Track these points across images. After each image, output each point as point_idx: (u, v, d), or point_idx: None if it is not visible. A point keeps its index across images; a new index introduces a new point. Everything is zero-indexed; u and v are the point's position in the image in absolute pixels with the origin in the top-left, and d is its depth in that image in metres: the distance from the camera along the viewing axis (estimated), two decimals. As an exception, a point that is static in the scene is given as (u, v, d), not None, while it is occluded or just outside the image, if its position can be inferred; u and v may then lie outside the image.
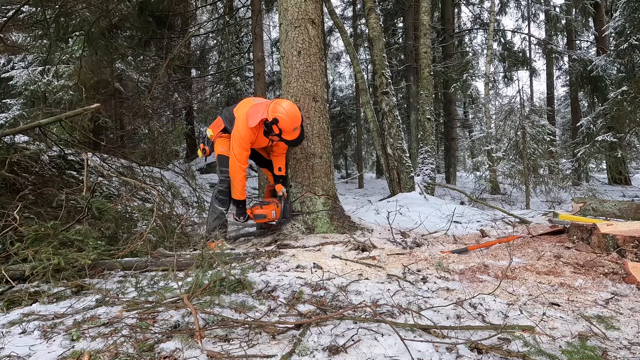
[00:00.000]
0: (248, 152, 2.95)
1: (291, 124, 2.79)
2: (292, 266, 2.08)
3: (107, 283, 1.84)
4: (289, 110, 2.79)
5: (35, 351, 1.15)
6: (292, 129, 2.81)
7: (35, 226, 2.00)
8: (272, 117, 2.75)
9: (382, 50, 5.97)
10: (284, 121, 2.76)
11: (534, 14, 14.12)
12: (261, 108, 2.86)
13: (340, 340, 1.24)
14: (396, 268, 2.10)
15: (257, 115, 2.82)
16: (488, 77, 9.95)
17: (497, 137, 8.29)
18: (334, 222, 3.23)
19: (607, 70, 8.79)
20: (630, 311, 1.52)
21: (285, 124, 2.77)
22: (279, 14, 3.51)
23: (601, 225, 2.38)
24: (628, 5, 7.18)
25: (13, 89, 7.05)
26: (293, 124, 2.80)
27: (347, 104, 16.23)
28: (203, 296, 1.55)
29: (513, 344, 1.22)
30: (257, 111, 2.85)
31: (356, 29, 13.47)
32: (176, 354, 1.13)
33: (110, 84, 7.14)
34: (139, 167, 3.98)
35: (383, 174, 8.51)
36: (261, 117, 2.80)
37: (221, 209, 3.01)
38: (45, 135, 3.33)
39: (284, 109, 2.77)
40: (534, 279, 1.90)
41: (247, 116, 2.85)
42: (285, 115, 2.76)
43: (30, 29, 5.98)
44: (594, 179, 8.92)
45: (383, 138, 5.85)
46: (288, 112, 2.77)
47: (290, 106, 2.83)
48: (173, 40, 7.74)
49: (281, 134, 2.82)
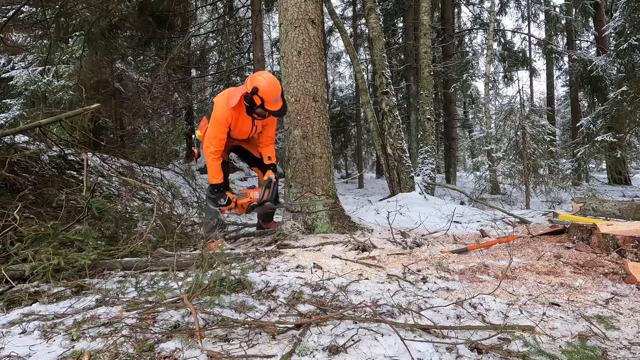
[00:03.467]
0: (223, 136, 2.85)
1: (272, 90, 2.72)
2: (292, 266, 2.08)
3: (107, 283, 1.85)
4: (268, 78, 2.76)
5: (35, 351, 1.15)
6: (273, 97, 2.73)
7: (35, 226, 2.00)
8: (251, 87, 2.70)
9: (382, 50, 5.97)
10: (264, 88, 2.70)
11: (534, 14, 14.12)
12: (241, 88, 2.82)
13: (340, 340, 1.24)
14: (396, 268, 2.10)
15: (237, 93, 2.77)
16: (488, 77, 9.95)
17: (497, 137, 8.29)
18: (334, 222, 3.23)
19: (607, 70, 8.79)
20: (630, 311, 1.52)
21: (266, 91, 2.70)
22: (279, 14, 3.51)
23: (601, 225, 2.38)
24: (628, 5, 7.17)
25: (13, 89, 7.04)
26: (274, 91, 2.73)
27: (347, 104, 16.24)
28: (203, 296, 1.55)
29: (513, 344, 1.22)
30: (237, 91, 2.81)
31: (356, 29, 13.48)
32: (176, 354, 1.13)
33: (110, 84, 7.14)
34: (139, 167, 3.98)
35: (383, 174, 8.50)
36: (241, 93, 2.74)
37: (215, 208, 3.00)
38: (45, 135, 3.33)
39: (262, 77, 2.74)
40: (534, 279, 1.90)
41: (228, 97, 2.80)
42: (265, 83, 2.71)
43: (30, 29, 5.99)
44: (594, 179, 8.92)
45: (383, 138, 5.85)
46: (267, 79, 2.73)
47: (269, 75, 2.80)
48: (173, 40, 7.74)
49: (264, 104, 2.73)
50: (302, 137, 3.27)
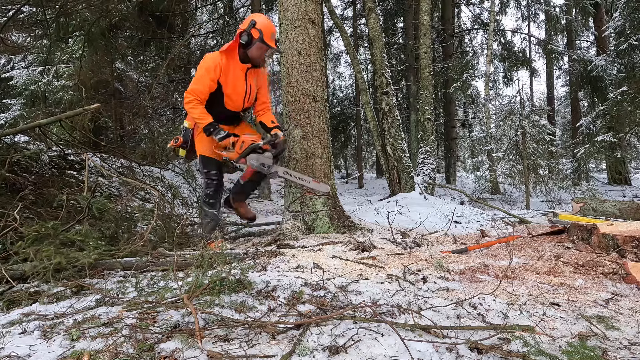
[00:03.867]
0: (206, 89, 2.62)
1: (269, 25, 2.63)
2: (292, 266, 2.08)
3: (107, 283, 1.85)
4: (263, 16, 2.74)
5: (35, 351, 1.15)
6: (271, 33, 2.63)
7: (36, 226, 2.00)
8: (248, 22, 2.62)
9: (382, 50, 5.97)
10: (262, 22, 2.62)
11: (534, 14, 14.13)
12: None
13: (340, 340, 1.24)
14: (396, 268, 2.10)
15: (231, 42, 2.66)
16: (488, 77, 9.95)
17: (497, 137, 8.29)
18: (334, 222, 3.23)
19: (607, 70, 8.79)
20: (630, 311, 1.52)
21: (264, 25, 2.61)
22: (279, 14, 3.51)
23: (601, 225, 2.38)
24: (628, 5, 7.17)
25: (13, 89, 7.05)
26: (271, 26, 2.64)
27: (347, 104, 16.24)
28: (203, 296, 1.55)
29: (513, 344, 1.22)
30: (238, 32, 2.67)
31: (356, 29, 13.48)
32: (176, 354, 1.13)
33: (110, 84, 7.14)
34: (139, 167, 3.98)
35: (383, 174, 8.50)
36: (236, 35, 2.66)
37: (212, 211, 2.85)
38: (45, 135, 3.33)
39: (258, 14, 2.72)
40: (534, 279, 1.90)
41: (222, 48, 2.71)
42: (262, 18, 2.67)
43: (30, 29, 5.99)
44: (594, 179, 8.91)
45: (383, 138, 5.85)
46: (263, 16, 2.72)
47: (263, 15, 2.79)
48: (173, 40, 7.74)
49: (262, 36, 2.59)
50: (302, 137, 3.27)
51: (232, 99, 2.77)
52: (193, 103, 2.63)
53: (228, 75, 2.68)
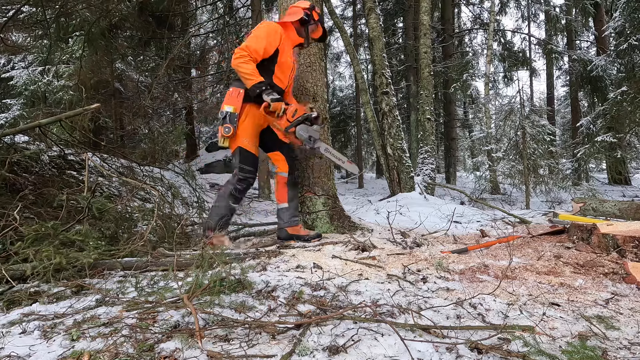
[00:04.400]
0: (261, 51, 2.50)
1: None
2: (292, 266, 2.08)
3: (107, 283, 1.84)
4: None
5: (35, 351, 1.15)
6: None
7: (36, 226, 2.00)
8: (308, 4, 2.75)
9: (382, 50, 5.97)
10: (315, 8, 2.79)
11: (534, 14, 14.14)
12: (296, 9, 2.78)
13: (340, 340, 1.24)
14: (396, 268, 2.10)
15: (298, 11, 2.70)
16: (488, 77, 9.95)
17: (497, 137, 8.29)
18: (334, 222, 3.23)
19: (607, 70, 8.80)
20: (630, 311, 1.52)
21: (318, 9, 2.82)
22: (279, 14, 3.51)
23: (601, 225, 2.38)
24: (628, 5, 7.17)
25: (13, 89, 7.05)
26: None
27: (347, 104, 16.25)
28: (203, 296, 1.55)
29: (513, 344, 1.22)
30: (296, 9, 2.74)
31: (356, 29, 13.49)
32: (176, 354, 1.13)
33: (110, 84, 7.14)
34: (139, 167, 3.98)
35: (383, 174, 8.50)
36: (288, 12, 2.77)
37: (234, 206, 2.75)
38: (45, 135, 3.33)
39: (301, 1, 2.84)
40: (534, 279, 1.90)
41: (288, 13, 2.77)
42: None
43: (30, 29, 5.99)
44: (594, 179, 8.92)
45: (383, 138, 5.85)
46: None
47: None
48: (173, 40, 7.74)
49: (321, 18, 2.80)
50: (302, 137, 3.26)
51: (282, 70, 2.68)
52: (245, 58, 2.47)
53: (284, 48, 2.65)
